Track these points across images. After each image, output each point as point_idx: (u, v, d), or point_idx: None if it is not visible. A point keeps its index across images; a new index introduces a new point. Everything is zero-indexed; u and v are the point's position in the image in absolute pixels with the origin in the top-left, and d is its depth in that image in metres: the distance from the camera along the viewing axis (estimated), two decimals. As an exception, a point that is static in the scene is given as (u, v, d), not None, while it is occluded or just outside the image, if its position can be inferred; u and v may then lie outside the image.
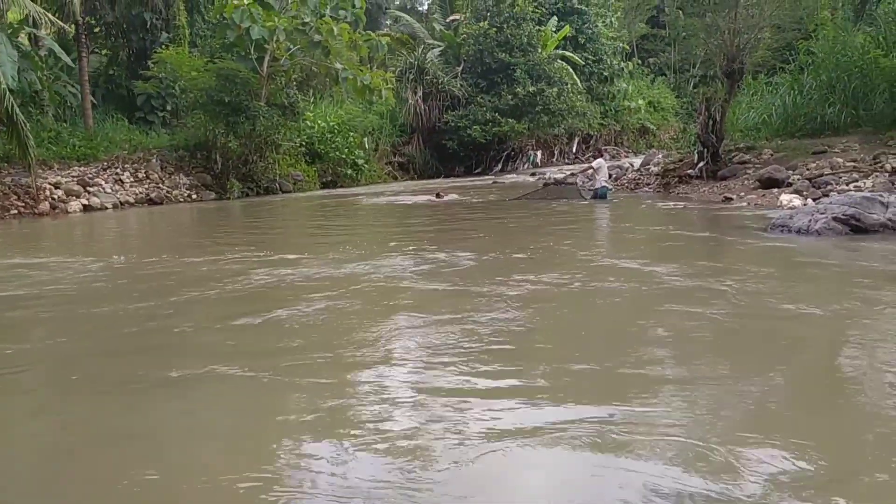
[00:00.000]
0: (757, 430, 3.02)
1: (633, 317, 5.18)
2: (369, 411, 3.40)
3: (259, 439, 3.20)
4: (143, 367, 4.34)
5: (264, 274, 7.24)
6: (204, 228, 14.14)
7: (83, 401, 3.83)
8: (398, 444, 2.99)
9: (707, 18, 17.48)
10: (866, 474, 2.67)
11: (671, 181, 16.93)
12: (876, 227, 8.68)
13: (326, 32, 21.56)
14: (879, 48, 15.94)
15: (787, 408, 3.39)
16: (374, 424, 3.22)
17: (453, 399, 3.49)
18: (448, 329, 4.80)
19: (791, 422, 3.19)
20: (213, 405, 3.70)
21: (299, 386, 3.86)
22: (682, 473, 2.63)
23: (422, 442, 3.00)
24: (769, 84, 19.55)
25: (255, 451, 3.05)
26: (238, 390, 3.88)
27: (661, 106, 40.86)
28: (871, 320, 4.84)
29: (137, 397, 3.77)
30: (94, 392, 3.95)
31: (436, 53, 31.84)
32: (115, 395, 3.86)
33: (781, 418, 3.23)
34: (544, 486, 2.68)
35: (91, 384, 4.10)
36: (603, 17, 37.42)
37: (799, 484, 2.54)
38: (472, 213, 14.45)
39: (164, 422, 3.45)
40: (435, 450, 2.92)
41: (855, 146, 14.78)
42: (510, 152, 31.74)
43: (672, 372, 3.93)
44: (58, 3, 20.16)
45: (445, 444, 2.97)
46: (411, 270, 7.24)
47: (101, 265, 8.34)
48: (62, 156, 19.35)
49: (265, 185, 22.06)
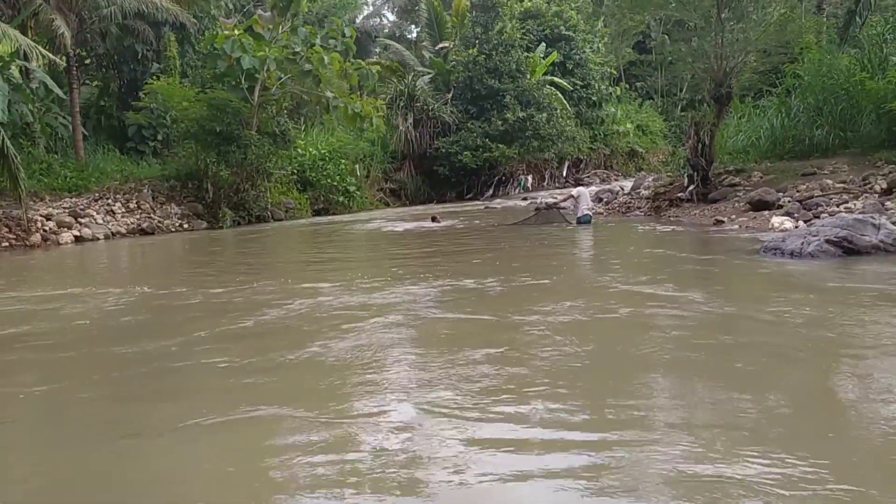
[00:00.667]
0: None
1: (633, 339, 5.18)
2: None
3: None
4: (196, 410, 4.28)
5: (288, 304, 7.18)
6: (205, 258, 14.02)
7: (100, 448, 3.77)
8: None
9: (693, 43, 17.67)
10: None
11: (662, 204, 17.01)
12: (868, 248, 8.73)
13: (317, 61, 21.69)
14: (864, 70, 16.15)
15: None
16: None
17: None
18: (495, 369, 4.64)
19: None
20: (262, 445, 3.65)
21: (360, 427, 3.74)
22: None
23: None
24: (756, 107, 19.78)
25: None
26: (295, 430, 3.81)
27: (649, 129, 41.23)
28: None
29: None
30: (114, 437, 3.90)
31: (426, 80, 32.07)
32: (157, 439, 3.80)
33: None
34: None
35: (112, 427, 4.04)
36: (590, 42, 37.82)
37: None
38: (473, 239, 14.44)
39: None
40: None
41: (844, 167, 14.92)
42: (501, 177, 31.84)
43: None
44: (49, 36, 20.24)
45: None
46: (438, 300, 7.19)
47: (117, 297, 8.27)
48: (53, 187, 19.29)
49: (257, 214, 22.02)
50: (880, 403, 3.73)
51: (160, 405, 4.33)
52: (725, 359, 4.70)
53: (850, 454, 3.13)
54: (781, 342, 5.02)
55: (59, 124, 21.02)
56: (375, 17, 48.71)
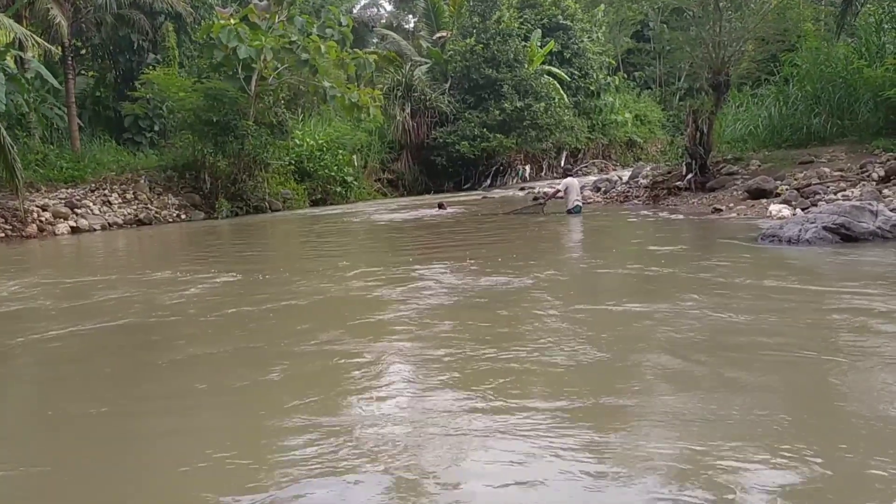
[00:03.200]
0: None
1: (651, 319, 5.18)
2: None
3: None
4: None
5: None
6: (210, 248, 13.96)
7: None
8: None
9: (691, 32, 17.65)
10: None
11: (660, 193, 16.99)
12: (866, 235, 8.72)
13: (314, 51, 21.61)
14: (862, 59, 16.12)
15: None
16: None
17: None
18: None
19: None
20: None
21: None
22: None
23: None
24: (754, 96, 19.75)
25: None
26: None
27: (647, 119, 41.19)
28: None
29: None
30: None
31: (423, 70, 31.99)
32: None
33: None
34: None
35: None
36: (588, 32, 37.73)
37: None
38: (481, 225, 14.89)
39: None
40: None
41: (841, 156, 14.90)
42: (499, 167, 31.83)
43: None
44: (44, 26, 20.15)
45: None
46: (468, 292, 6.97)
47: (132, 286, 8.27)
48: (49, 178, 19.26)
49: (254, 204, 21.99)
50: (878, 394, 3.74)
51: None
52: (722, 348, 4.71)
53: (850, 452, 3.14)
54: (780, 331, 5.02)
55: (54, 115, 20.96)
56: (373, 7, 48.55)
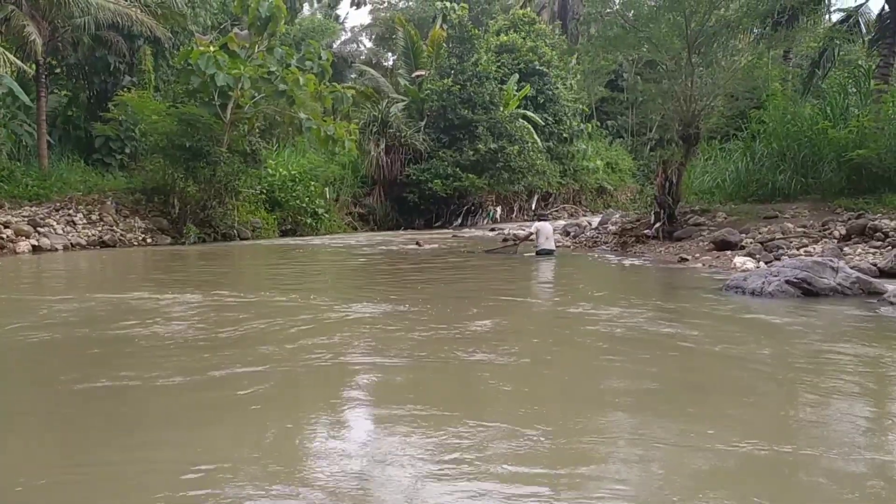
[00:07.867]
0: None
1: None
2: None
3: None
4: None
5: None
6: (178, 272, 13.78)
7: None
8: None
9: (664, 84, 18.05)
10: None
11: (628, 240, 17.20)
12: (826, 291, 8.88)
13: (292, 82, 21.68)
14: (826, 119, 16.64)
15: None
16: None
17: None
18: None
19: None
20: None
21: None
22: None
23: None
24: (723, 150, 20.25)
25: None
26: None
27: (618, 167, 41.95)
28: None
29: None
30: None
31: (399, 108, 32.24)
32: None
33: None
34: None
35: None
36: (563, 79, 38.49)
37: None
38: (462, 265, 14.73)
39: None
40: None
41: (805, 212, 15.27)
42: (470, 207, 32.00)
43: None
44: (19, 43, 19.94)
45: None
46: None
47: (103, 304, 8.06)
48: (14, 195, 18.89)
49: (223, 231, 21.73)
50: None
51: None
52: (686, 383, 4.72)
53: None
54: (743, 375, 5.06)
55: (24, 132, 20.66)
56: (353, 44, 49.13)
